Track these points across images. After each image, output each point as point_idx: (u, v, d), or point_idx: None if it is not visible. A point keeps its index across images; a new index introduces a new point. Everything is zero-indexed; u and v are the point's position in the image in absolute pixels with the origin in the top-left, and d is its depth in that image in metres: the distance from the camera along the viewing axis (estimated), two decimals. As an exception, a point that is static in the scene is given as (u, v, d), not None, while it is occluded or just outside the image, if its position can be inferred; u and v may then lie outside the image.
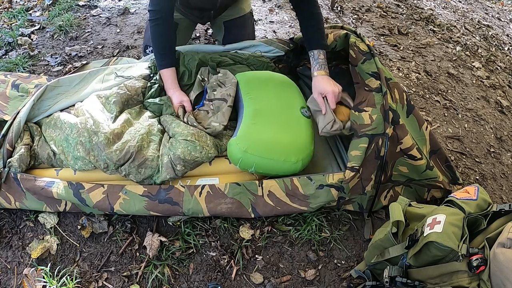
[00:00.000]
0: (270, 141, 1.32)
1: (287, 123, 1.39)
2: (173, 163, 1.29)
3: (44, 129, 1.42)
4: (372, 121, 1.32)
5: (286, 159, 1.30)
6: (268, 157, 1.29)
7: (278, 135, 1.34)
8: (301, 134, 1.38)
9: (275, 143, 1.31)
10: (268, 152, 1.29)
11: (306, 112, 1.46)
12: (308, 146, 1.36)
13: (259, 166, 1.30)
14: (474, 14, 3.47)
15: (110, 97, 1.45)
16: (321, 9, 1.58)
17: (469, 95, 2.28)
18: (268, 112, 1.41)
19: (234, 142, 1.31)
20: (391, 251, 1.12)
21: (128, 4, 2.62)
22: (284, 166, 1.30)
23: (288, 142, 1.33)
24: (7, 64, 2.00)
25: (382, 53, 2.46)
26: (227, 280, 1.28)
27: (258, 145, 1.30)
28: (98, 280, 1.24)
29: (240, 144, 1.29)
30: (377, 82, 1.37)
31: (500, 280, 0.92)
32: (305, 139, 1.37)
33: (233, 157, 1.31)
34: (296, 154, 1.31)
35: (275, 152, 1.30)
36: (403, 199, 1.21)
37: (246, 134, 1.33)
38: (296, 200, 1.32)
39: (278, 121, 1.39)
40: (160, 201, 1.28)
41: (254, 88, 1.49)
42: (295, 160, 1.30)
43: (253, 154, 1.28)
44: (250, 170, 1.31)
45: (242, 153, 1.28)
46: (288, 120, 1.41)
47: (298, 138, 1.36)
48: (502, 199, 1.70)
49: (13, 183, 1.29)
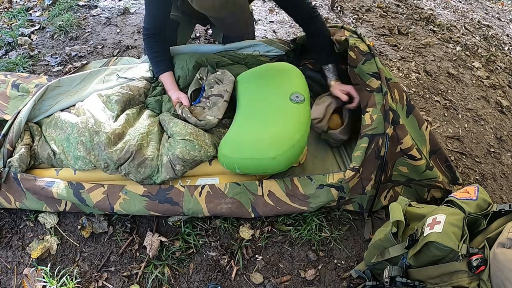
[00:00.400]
0: (247, 141, 1.29)
1: (273, 117, 1.34)
2: (172, 163, 1.29)
3: (44, 129, 1.42)
4: (373, 121, 1.33)
5: (262, 156, 1.25)
6: (246, 157, 1.27)
7: (259, 132, 1.31)
8: (285, 125, 1.31)
9: (253, 143, 1.29)
10: (245, 152, 1.27)
11: (296, 98, 1.37)
12: (290, 135, 1.28)
13: (241, 167, 1.28)
14: (474, 14, 3.47)
15: (112, 96, 1.46)
16: (321, 9, 1.59)
17: (469, 95, 2.28)
18: (255, 111, 1.39)
19: (220, 145, 1.33)
20: (391, 251, 1.12)
21: (128, 4, 2.62)
22: (263, 164, 1.25)
23: (268, 137, 1.28)
24: (7, 64, 2.00)
25: (382, 53, 2.46)
26: (227, 280, 1.28)
27: (237, 147, 1.29)
28: (98, 280, 1.24)
29: (222, 149, 1.31)
30: (378, 82, 1.37)
31: (500, 280, 0.92)
32: (289, 130, 1.30)
33: (219, 160, 1.32)
34: (275, 149, 1.24)
35: (252, 151, 1.27)
36: (403, 199, 1.21)
37: (228, 138, 1.34)
38: (296, 200, 1.32)
39: (264, 117, 1.35)
40: (160, 201, 1.28)
41: (249, 86, 1.48)
42: (273, 156, 1.23)
43: (232, 157, 1.28)
44: (236, 171, 1.30)
45: (223, 157, 1.30)
46: (274, 113, 1.35)
47: (280, 131, 1.29)
48: (502, 199, 1.70)
49: (13, 183, 1.29)
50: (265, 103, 1.39)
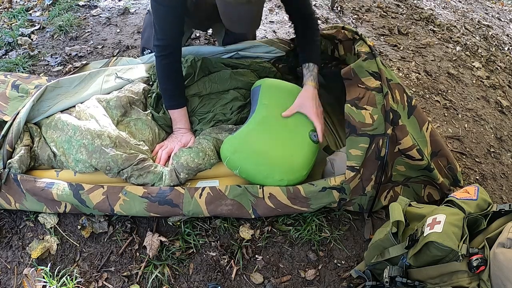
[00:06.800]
0: (261, 151, 1.30)
1: (289, 140, 1.36)
2: (176, 171, 1.32)
3: (44, 130, 1.42)
4: (373, 121, 1.32)
5: (269, 175, 1.29)
6: (253, 167, 1.29)
7: (273, 148, 1.32)
8: (298, 155, 1.34)
9: (266, 156, 1.30)
10: (255, 162, 1.29)
11: (314, 137, 1.40)
12: (300, 169, 1.33)
13: (243, 172, 1.30)
14: (474, 14, 3.47)
15: (111, 102, 1.47)
16: (321, 9, 1.59)
17: (469, 95, 2.28)
18: (275, 123, 1.38)
19: (228, 140, 1.33)
20: (391, 251, 1.12)
21: (128, 4, 2.62)
22: (266, 181, 1.30)
23: (280, 159, 1.31)
24: (7, 64, 2.00)
25: (382, 53, 2.46)
26: (227, 280, 1.28)
27: (248, 151, 1.30)
28: (98, 280, 1.24)
29: (232, 145, 1.31)
30: (377, 82, 1.36)
31: (500, 280, 0.92)
32: (300, 162, 1.33)
33: (223, 154, 1.32)
34: (282, 174, 1.29)
35: (262, 164, 1.30)
36: (403, 199, 1.21)
37: (243, 137, 1.33)
38: (298, 202, 1.32)
39: (280, 135, 1.36)
40: (160, 202, 1.28)
41: (273, 96, 1.45)
42: (279, 179, 1.29)
43: (240, 159, 1.29)
44: (235, 172, 1.31)
45: (230, 153, 1.30)
46: (291, 138, 1.37)
47: (292, 159, 1.32)
48: (502, 199, 1.70)
49: (13, 184, 1.29)
50: (285, 123, 1.39)
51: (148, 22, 1.78)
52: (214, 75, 1.59)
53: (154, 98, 1.54)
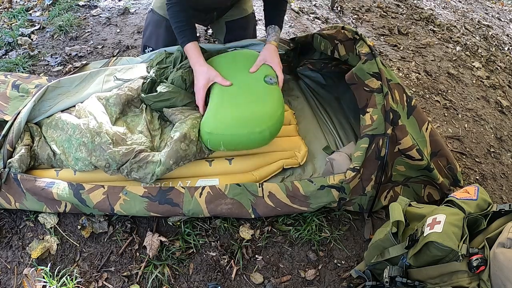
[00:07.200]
0: (232, 117, 1.36)
1: (251, 96, 1.43)
2: (177, 144, 1.32)
3: (44, 130, 1.43)
4: (373, 121, 1.32)
5: (250, 131, 1.33)
6: (232, 133, 1.33)
7: (241, 110, 1.38)
8: (265, 104, 1.40)
9: (238, 119, 1.36)
10: (231, 128, 1.34)
11: (270, 80, 1.47)
12: (274, 114, 1.38)
13: (227, 144, 1.34)
14: (474, 14, 3.47)
15: (110, 99, 1.47)
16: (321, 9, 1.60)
17: (469, 95, 2.28)
18: (233, 90, 1.44)
19: (201, 125, 1.37)
20: (391, 251, 1.12)
21: (128, 4, 2.62)
22: (250, 138, 1.34)
23: (251, 114, 1.36)
24: (7, 64, 2.00)
25: (382, 53, 2.46)
26: (227, 280, 1.28)
27: (221, 123, 1.35)
28: (98, 280, 1.24)
29: (206, 126, 1.35)
30: (378, 83, 1.36)
31: (500, 280, 0.92)
32: (270, 108, 1.39)
33: (202, 139, 1.37)
34: (260, 124, 1.34)
35: (238, 127, 1.34)
36: (403, 199, 1.21)
37: (210, 115, 1.38)
38: (297, 201, 1.32)
39: (242, 97, 1.43)
40: (160, 202, 1.28)
41: (221, 70, 1.50)
42: (259, 130, 1.33)
43: (218, 133, 1.33)
44: (221, 149, 1.36)
45: (207, 135, 1.34)
46: (252, 93, 1.44)
47: (261, 109, 1.38)
48: (502, 199, 1.70)
49: (13, 183, 1.29)
50: (239, 85, 1.46)
51: (150, 20, 1.78)
52: None
53: (148, 83, 1.55)
